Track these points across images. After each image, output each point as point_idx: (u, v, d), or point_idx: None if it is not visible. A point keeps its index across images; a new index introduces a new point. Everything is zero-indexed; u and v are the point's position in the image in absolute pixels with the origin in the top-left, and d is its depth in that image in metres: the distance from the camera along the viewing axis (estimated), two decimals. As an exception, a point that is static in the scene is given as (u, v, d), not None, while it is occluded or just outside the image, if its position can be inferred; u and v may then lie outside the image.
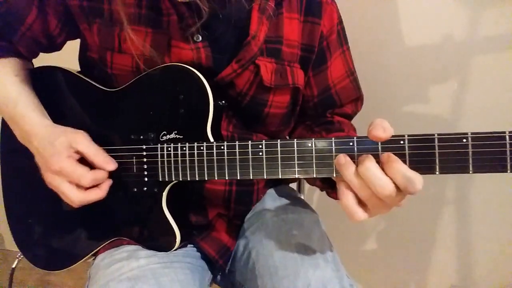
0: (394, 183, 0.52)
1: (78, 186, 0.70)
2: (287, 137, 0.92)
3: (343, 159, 0.56)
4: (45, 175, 0.73)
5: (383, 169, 0.53)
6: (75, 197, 0.71)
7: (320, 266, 0.70)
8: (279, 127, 0.84)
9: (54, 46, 0.86)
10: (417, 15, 1.21)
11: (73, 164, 0.70)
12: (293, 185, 1.06)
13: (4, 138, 0.89)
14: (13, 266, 1.18)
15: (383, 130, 0.51)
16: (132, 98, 0.77)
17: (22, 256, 0.89)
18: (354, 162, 0.56)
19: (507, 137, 0.46)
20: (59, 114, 0.80)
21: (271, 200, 0.90)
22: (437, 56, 1.23)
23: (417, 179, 0.51)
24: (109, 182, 0.74)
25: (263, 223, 0.83)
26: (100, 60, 0.77)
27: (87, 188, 0.71)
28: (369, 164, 0.53)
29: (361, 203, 0.56)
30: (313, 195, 1.49)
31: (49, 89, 0.83)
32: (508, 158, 0.46)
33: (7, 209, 0.90)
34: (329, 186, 0.74)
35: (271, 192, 0.93)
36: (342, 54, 0.85)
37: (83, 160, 0.72)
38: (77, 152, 0.72)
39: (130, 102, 0.77)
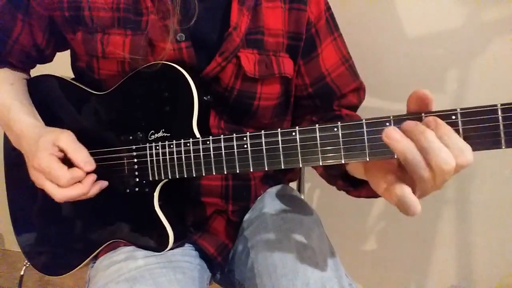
0: None
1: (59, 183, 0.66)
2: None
3: (397, 134, 0.42)
4: (30, 173, 0.70)
5: None
6: (57, 193, 0.66)
7: (319, 265, 0.65)
8: (272, 120, 0.79)
9: (44, 57, 0.84)
10: (416, 12, 1.17)
11: (53, 162, 0.66)
12: (293, 185, 1.00)
13: (7, 149, 0.86)
14: (22, 273, 1.15)
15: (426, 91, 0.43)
16: (120, 99, 0.73)
17: (29, 264, 0.86)
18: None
19: (499, 110, 0.40)
20: (53, 119, 0.78)
21: (270, 199, 0.85)
22: (436, 56, 1.18)
23: (468, 149, 0.41)
24: (92, 177, 0.69)
25: (263, 222, 0.78)
26: (87, 68, 0.74)
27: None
28: (429, 134, 0.41)
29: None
30: (313, 195, 1.44)
31: (44, 96, 0.81)
32: (502, 133, 0.40)
33: (13, 219, 0.88)
34: (351, 184, 0.67)
35: (270, 191, 0.88)
36: (334, 41, 0.80)
37: (69, 161, 0.68)
38: (61, 150, 0.67)
39: (119, 103, 0.74)
